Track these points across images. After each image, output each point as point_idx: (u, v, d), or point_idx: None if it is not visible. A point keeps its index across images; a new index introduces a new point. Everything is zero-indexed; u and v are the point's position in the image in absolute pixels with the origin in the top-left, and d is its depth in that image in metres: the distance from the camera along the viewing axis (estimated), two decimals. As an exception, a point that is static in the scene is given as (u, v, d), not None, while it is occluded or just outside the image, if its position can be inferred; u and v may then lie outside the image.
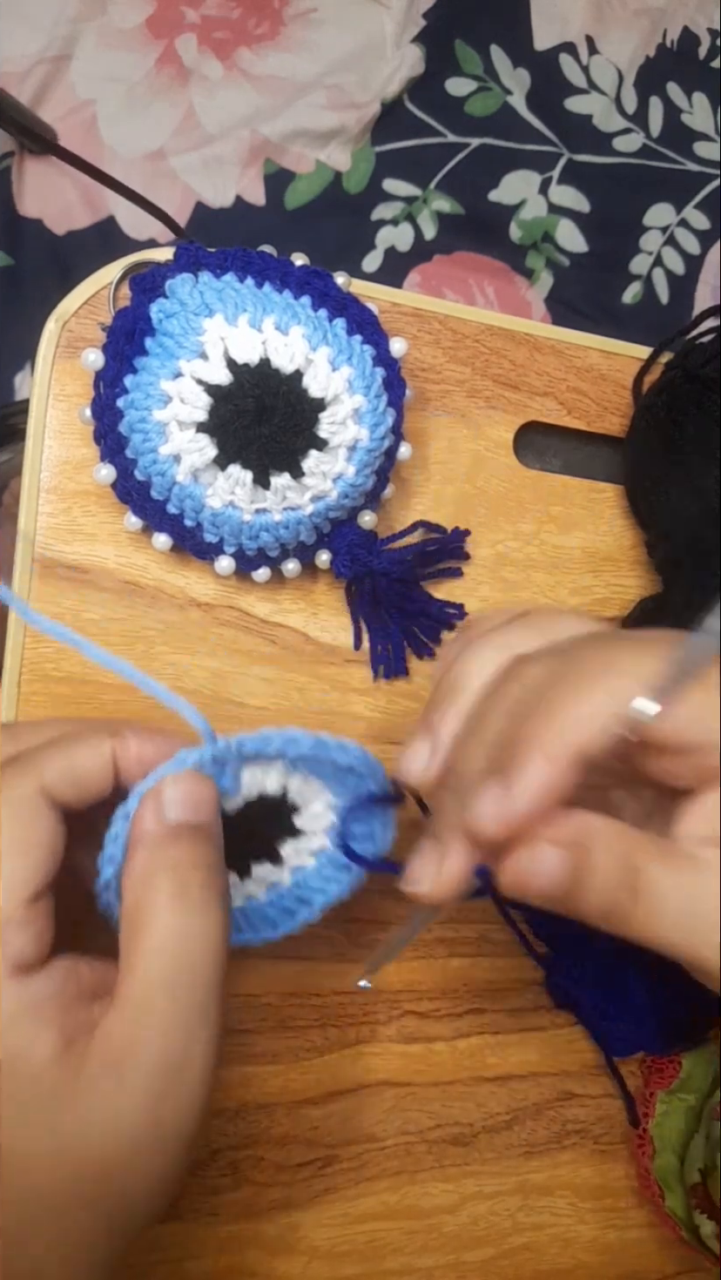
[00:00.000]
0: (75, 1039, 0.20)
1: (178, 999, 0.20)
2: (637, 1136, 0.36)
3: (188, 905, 0.21)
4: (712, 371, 0.34)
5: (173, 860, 0.22)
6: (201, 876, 0.22)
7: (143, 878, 0.22)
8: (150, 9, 0.77)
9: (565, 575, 0.36)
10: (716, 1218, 0.33)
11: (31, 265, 0.76)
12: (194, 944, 0.21)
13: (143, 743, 0.23)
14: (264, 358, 0.27)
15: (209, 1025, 0.21)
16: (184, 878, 0.22)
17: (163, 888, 0.21)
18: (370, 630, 0.33)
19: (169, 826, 0.22)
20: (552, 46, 0.84)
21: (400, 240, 0.83)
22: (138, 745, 0.23)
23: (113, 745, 0.23)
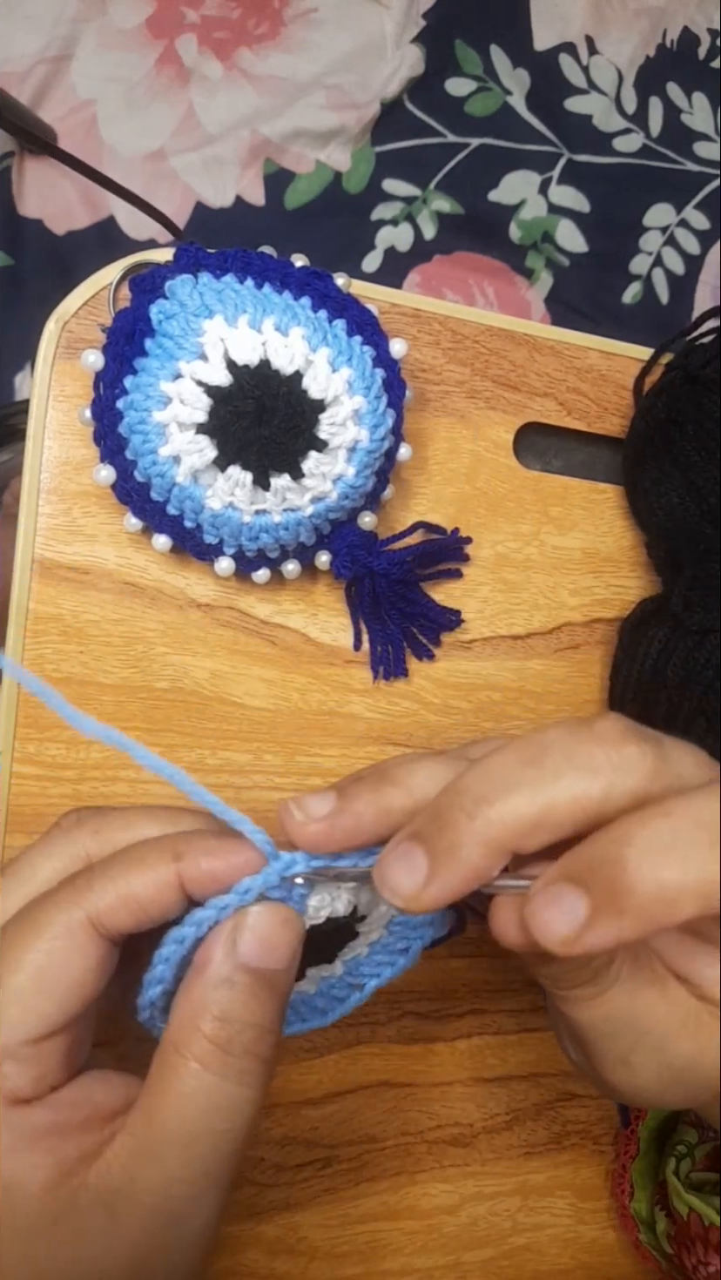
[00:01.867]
0: (74, 1170, 0.19)
1: (190, 1159, 0.19)
2: (626, 1136, 0.36)
3: (228, 1068, 0.20)
4: (713, 373, 0.34)
5: (227, 1008, 0.20)
6: (251, 1038, 0.20)
7: (191, 1016, 0.20)
8: (150, 9, 0.77)
9: (565, 576, 0.36)
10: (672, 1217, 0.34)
11: (31, 265, 0.76)
12: (222, 1113, 0.20)
13: (213, 860, 0.21)
14: (264, 359, 0.27)
15: (218, 1189, 0.20)
16: (233, 1035, 0.20)
17: (209, 1036, 0.20)
18: (370, 631, 0.33)
19: (236, 968, 0.20)
20: (552, 46, 0.84)
21: (400, 240, 0.83)
22: (208, 863, 0.21)
23: (177, 870, 0.21)
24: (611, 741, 0.19)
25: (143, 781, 0.32)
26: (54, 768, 0.31)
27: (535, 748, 0.19)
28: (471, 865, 0.19)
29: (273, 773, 0.33)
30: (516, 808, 0.18)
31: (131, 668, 0.31)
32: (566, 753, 0.19)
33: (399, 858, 0.19)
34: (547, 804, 0.18)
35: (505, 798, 0.18)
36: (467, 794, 0.19)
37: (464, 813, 0.19)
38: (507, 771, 0.19)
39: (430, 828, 0.19)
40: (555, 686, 0.36)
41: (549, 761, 0.18)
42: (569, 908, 0.18)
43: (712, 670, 0.32)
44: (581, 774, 0.18)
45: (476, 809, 0.19)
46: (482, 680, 0.35)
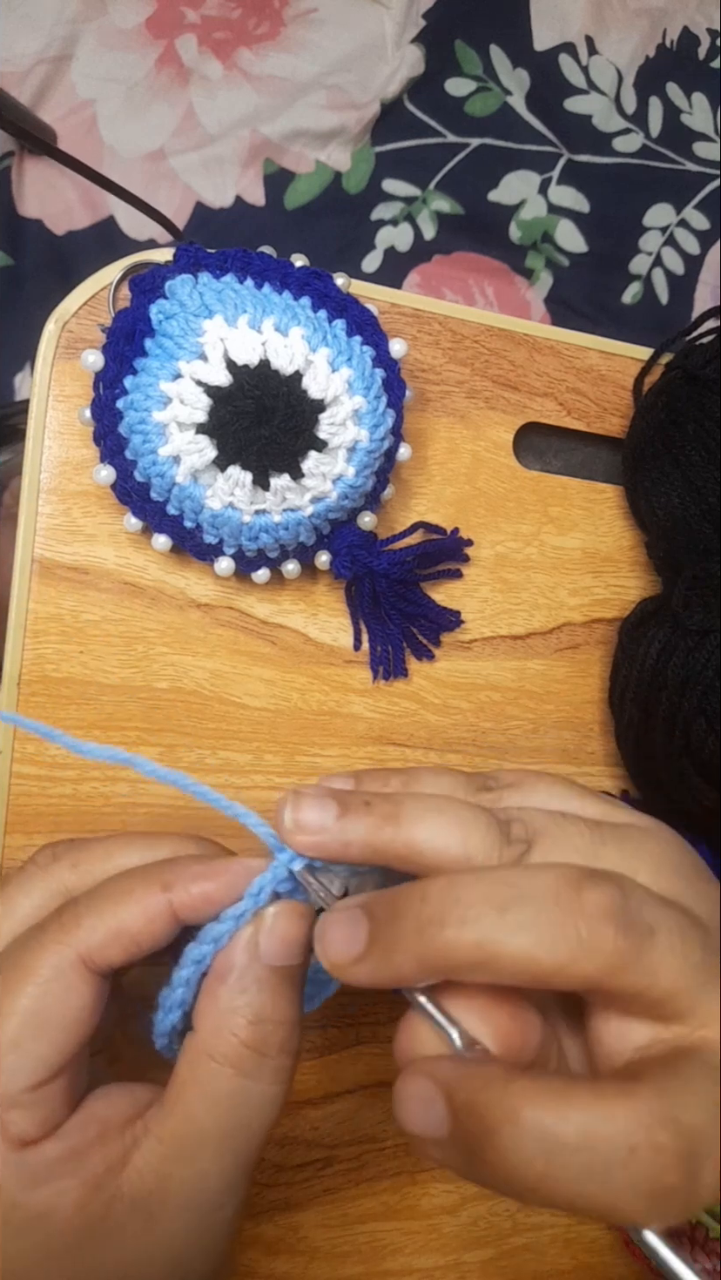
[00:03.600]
0: (102, 1183, 0.19)
1: (222, 1155, 0.20)
2: None
3: (262, 1068, 0.20)
4: (713, 372, 0.34)
5: (259, 1010, 0.20)
6: (284, 1036, 0.21)
7: (221, 1022, 0.20)
8: (150, 9, 0.77)
9: (565, 576, 0.36)
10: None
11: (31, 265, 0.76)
12: (253, 1110, 0.20)
13: (203, 883, 0.21)
14: (263, 359, 0.27)
15: (247, 1179, 0.20)
16: (266, 1035, 0.20)
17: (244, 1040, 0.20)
18: (370, 631, 0.33)
19: (262, 968, 0.20)
20: (552, 47, 0.84)
21: (400, 240, 0.83)
22: (199, 887, 0.21)
23: (168, 899, 0.21)
24: (593, 918, 0.17)
25: (143, 781, 0.32)
26: (54, 768, 0.31)
27: (511, 892, 0.18)
28: (399, 971, 0.19)
29: (273, 773, 0.33)
30: (460, 944, 0.18)
31: (131, 668, 0.31)
32: (538, 912, 0.18)
33: (346, 923, 0.19)
34: (494, 955, 0.18)
35: (456, 930, 0.18)
36: (426, 904, 0.18)
37: (414, 921, 0.18)
38: (472, 904, 0.18)
39: (381, 913, 0.19)
40: (555, 686, 0.36)
41: (515, 914, 0.18)
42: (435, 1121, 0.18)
43: (712, 670, 0.32)
44: (543, 939, 0.17)
45: (425, 926, 0.18)
46: (483, 680, 0.35)
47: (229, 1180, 0.20)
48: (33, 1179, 0.19)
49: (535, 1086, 0.17)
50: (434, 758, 0.34)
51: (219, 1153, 0.20)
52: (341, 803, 0.21)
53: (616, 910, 0.18)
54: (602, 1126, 0.16)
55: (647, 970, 0.18)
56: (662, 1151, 0.16)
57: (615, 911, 0.18)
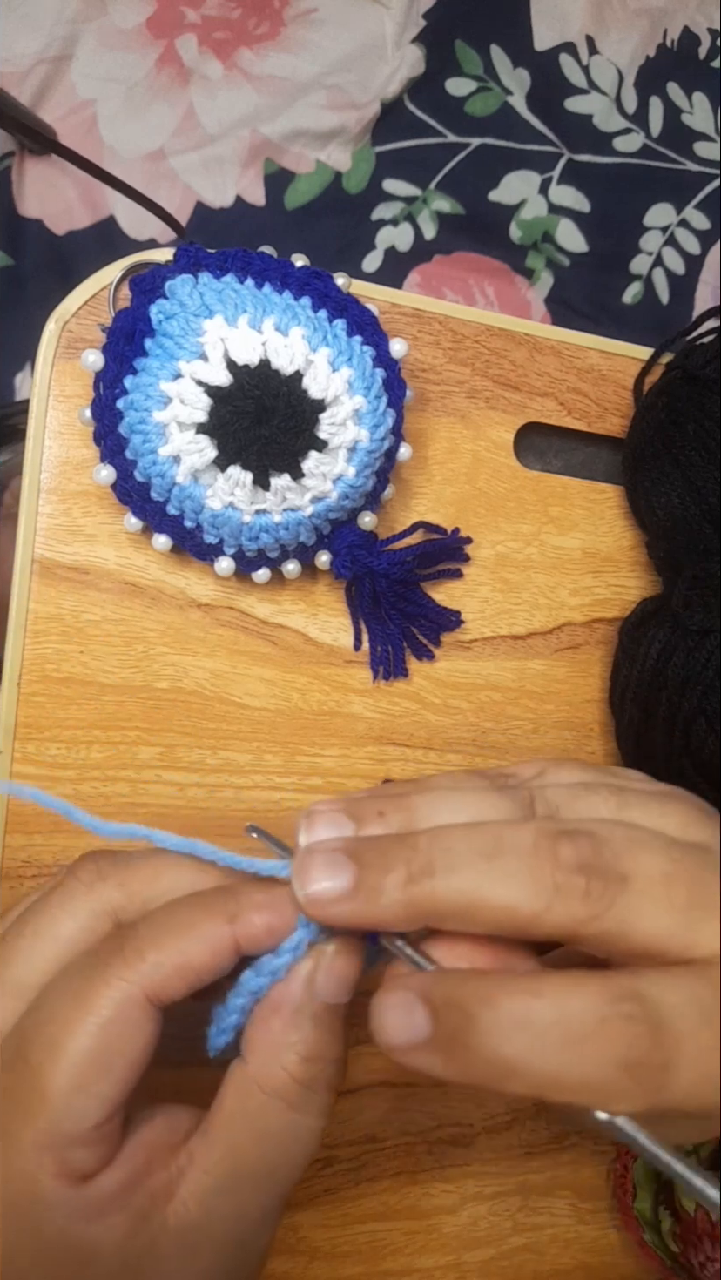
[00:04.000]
0: (148, 1215, 0.19)
1: (264, 1189, 0.20)
2: None
3: (310, 1104, 0.20)
4: (713, 372, 0.34)
5: (313, 1047, 0.20)
6: (333, 1073, 0.21)
7: (274, 1055, 0.20)
8: (150, 9, 0.77)
9: (565, 576, 0.36)
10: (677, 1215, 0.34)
11: (31, 265, 0.76)
12: (298, 1144, 0.20)
13: (269, 914, 0.21)
14: (264, 359, 0.27)
15: (281, 1209, 0.21)
16: (318, 1073, 0.20)
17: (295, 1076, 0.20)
18: (370, 631, 0.33)
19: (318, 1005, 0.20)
20: (552, 46, 0.84)
21: (400, 240, 0.83)
22: (263, 918, 0.21)
23: (232, 931, 0.20)
24: (565, 868, 0.18)
25: (143, 781, 0.32)
26: (54, 768, 0.31)
27: (494, 841, 0.19)
28: (384, 914, 0.19)
29: (273, 772, 0.33)
30: (448, 891, 0.18)
31: (131, 668, 0.31)
32: (519, 861, 0.18)
33: (329, 863, 0.19)
34: (478, 901, 0.18)
35: (444, 878, 0.18)
36: (416, 852, 0.19)
37: (404, 865, 0.19)
38: (459, 852, 0.19)
39: (368, 857, 0.19)
40: (555, 686, 0.36)
41: (499, 862, 0.18)
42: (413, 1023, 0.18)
43: (712, 670, 0.32)
44: (522, 887, 0.18)
45: (416, 873, 0.19)
46: (483, 680, 0.35)
47: (267, 1213, 0.20)
48: (88, 1214, 0.19)
49: (511, 977, 0.18)
50: (434, 757, 0.34)
51: (261, 1187, 0.20)
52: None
53: (587, 860, 0.18)
54: (574, 1000, 0.17)
55: (619, 918, 0.18)
56: (632, 1020, 0.17)
57: (586, 862, 0.18)
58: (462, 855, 0.19)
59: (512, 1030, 0.17)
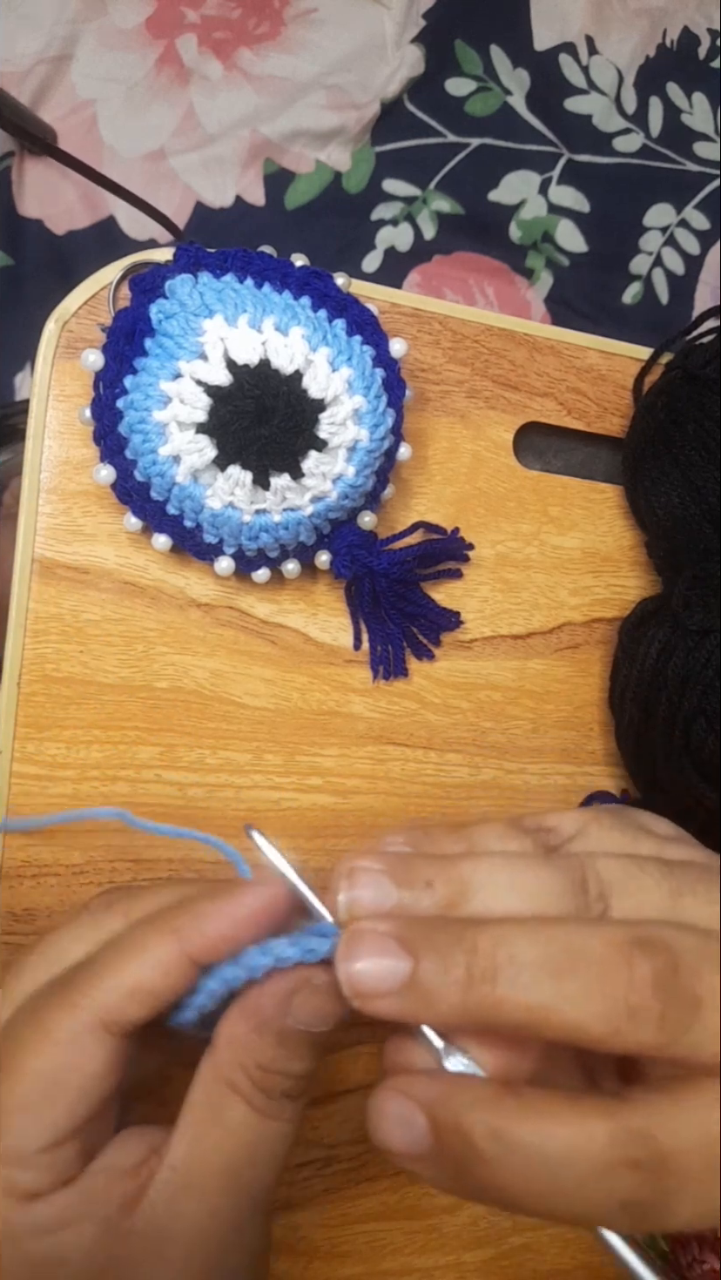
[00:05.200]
0: (117, 1221, 0.19)
1: (231, 1189, 0.20)
2: None
3: (272, 1108, 0.20)
4: (713, 372, 0.34)
5: (275, 1061, 0.20)
6: (296, 1087, 0.20)
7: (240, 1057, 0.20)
8: (150, 9, 0.77)
9: (565, 576, 0.36)
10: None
11: (31, 265, 0.76)
12: (264, 1146, 0.20)
13: (214, 923, 0.20)
14: (264, 358, 0.27)
15: (259, 1214, 0.20)
16: (277, 1083, 0.20)
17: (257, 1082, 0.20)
18: (370, 631, 0.33)
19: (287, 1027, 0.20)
20: (552, 46, 0.84)
21: (400, 240, 0.83)
22: (212, 929, 0.20)
23: (180, 948, 0.20)
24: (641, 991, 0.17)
25: (143, 781, 0.32)
26: (54, 767, 0.31)
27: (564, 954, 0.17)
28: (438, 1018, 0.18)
29: (273, 772, 0.33)
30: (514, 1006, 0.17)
31: (131, 667, 0.31)
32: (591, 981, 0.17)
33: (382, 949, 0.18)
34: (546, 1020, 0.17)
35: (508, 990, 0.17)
36: (478, 956, 0.18)
37: (464, 969, 0.18)
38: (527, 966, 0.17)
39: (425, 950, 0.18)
40: (555, 686, 0.36)
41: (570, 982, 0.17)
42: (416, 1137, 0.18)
43: (712, 670, 0.32)
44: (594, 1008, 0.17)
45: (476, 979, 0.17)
46: (483, 680, 0.35)
47: (240, 1218, 0.20)
48: (42, 1228, 0.19)
49: (518, 1105, 0.17)
50: (434, 757, 0.34)
51: (226, 1189, 0.20)
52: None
53: (664, 983, 0.17)
54: (582, 1141, 0.17)
55: (691, 1044, 0.17)
56: (637, 1168, 0.16)
57: (662, 984, 0.17)
58: (530, 967, 0.17)
59: (517, 1166, 0.17)
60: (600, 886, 0.20)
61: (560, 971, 0.17)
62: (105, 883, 0.31)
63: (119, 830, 0.31)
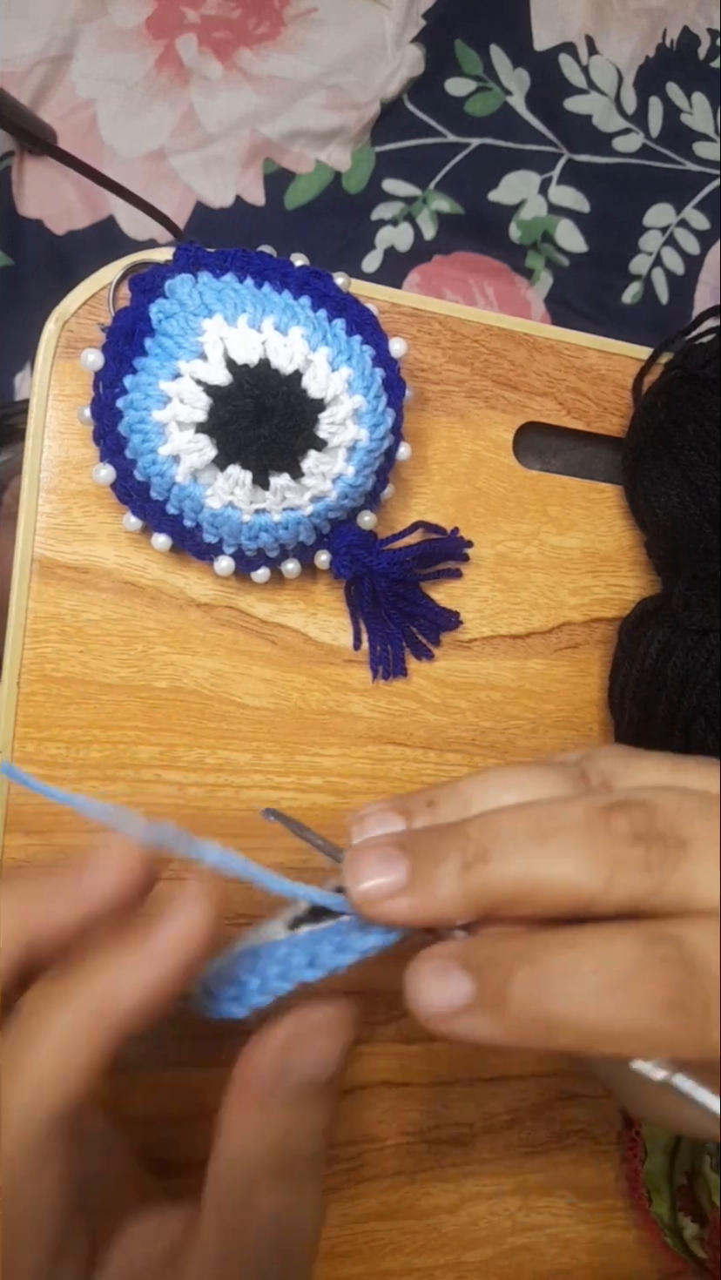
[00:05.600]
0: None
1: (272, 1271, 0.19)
2: (630, 1139, 0.36)
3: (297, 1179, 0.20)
4: (712, 372, 0.34)
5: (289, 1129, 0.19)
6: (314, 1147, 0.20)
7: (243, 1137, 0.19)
8: (150, 9, 0.77)
9: (564, 576, 0.36)
10: (699, 1220, 0.34)
11: (31, 265, 0.76)
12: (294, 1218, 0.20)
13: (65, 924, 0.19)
14: (263, 358, 0.27)
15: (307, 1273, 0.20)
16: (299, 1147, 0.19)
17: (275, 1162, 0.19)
18: (370, 631, 0.33)
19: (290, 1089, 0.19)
20: (552, 46, 0.84)
21: (400, 240, 0.83)
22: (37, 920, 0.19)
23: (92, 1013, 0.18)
24: (621, 839, 0.18)
25: (142, 781, 0.32)
26: (53, 767, 0.31)
27: (545, 820, 0.18)
28: (443, 907, 0.18)
29: (272, 772, 0.33)
30: (506, 877, 0.18)
31: (131, 667, 0.31)
32: (572, 838, 0.18)
33: (381, 858, 0.19)
34: (538, 883, 0.18)
35: (500, 863, 0.18)
36: (469, 841, 0.18)
37: (458, 854, 0.18)
38: (513, 837, 0.18)
39: (420, 849, 0.19)
40: (555, 686, 0.36)
41: (555, 842, 0.18)
42: (452, 989, 0.18)
43: (712, 670, 0.32)
44: (579, 864, 0.18)
45: (473, 861, 0.18)
46: (482, 679, 0.35)
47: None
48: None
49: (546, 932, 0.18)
50: (433, 757, 0.34)
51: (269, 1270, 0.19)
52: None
53: (641, 830, 0.18)
54: (611, 947, 0.17)
55: (684, 885, 0.18)
56: (668, 962, 0.17)
57: (640, 831, 0.18)
58: (514, 838, 0.18)
59: (555, 982, 0.17)
60: (601, 776, 0.20)
61: (544, 836, 0.18)
62: (105, 882, 0.31)
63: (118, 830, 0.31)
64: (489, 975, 0.17)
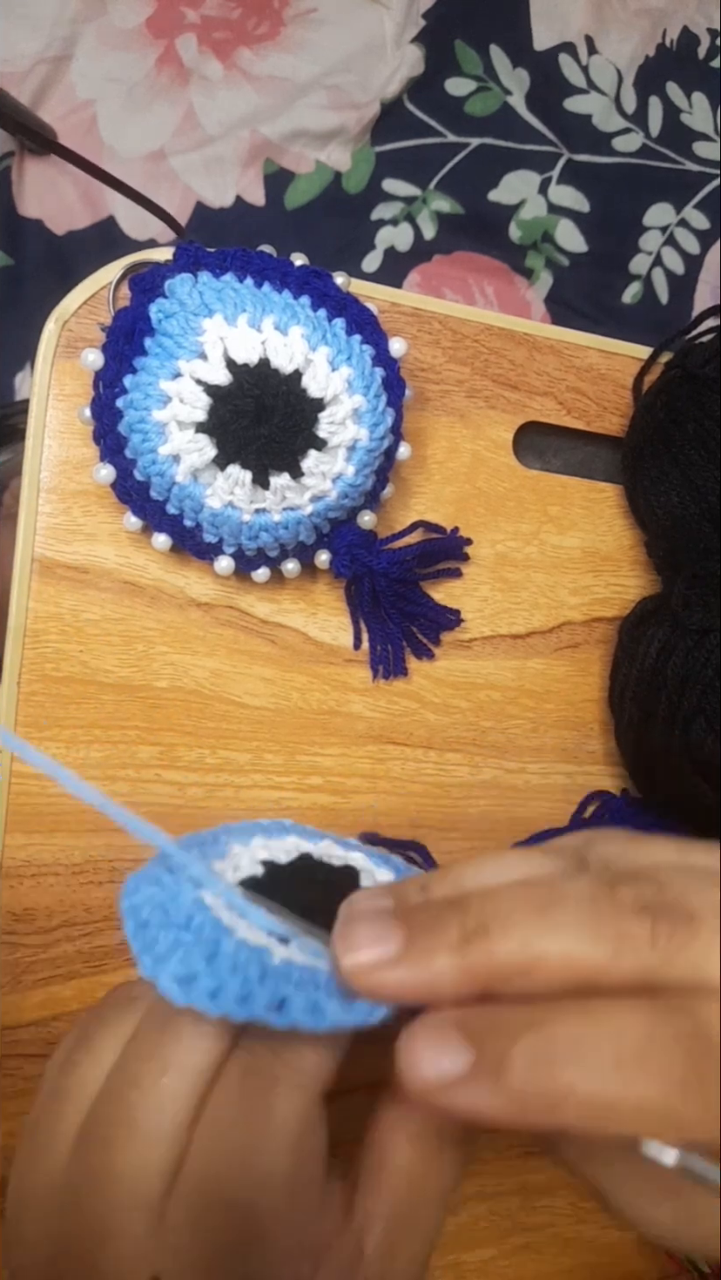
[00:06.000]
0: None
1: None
2: None
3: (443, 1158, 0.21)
4: (712, 371, 0.34)
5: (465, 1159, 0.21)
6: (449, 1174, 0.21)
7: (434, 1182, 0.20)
8: (150, 9, 0.77)
9: (564, 575, 0.36)
10: None
11: (31, 265, 0.76)
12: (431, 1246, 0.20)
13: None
14: (263, 358, 0.27)
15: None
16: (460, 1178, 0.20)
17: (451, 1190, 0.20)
18: (369, 630, 0.33)
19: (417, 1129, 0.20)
20: (552, 46, 0.84)
21: (400, 240, 0.83)
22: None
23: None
24: (627, 912, 0.17)
25: (143, 780, 0.32)
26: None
27: (547, 894, 0.18)
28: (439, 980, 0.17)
29: (272, 772, 0.33)
30: (504, 949, 0.17)
31: (131, 667, 0.31)
32: (579, 909, 0.17)
33: (375, 926, 0.18)
34: (541, 955, 0.17)
35: (500, 936, 0.17)
36: (468, 914, 0.18)
37: (459, 928, 0.18)
38: (515, 910, 0.18)
39: (417, 919, 0.18)
40: (555, 685, 0.36)
41: (558, 913, 0.17)
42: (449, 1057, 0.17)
43: (712, 669, 0.32)
44: (582, 936, 0.17)
45: (473, 933, 0.17)
46: (482, 679, 0.35)
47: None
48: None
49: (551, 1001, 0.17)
50: (434, 756, 0.34)
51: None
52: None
53: (651, 902, 0.17)
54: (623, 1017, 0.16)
55: (694, 961, 0.17)
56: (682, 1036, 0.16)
57: (649, 904, 0.17)
58: (516, 910, 0.17)
59: (562, 1051, 0.16)
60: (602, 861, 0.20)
61: (546, 907, 0.17)
62: (105, 882, 0.31)
63: (119, 830, 0.31)
64: (490, 1043, 0.17)
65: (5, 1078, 0.31)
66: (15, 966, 0.31)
